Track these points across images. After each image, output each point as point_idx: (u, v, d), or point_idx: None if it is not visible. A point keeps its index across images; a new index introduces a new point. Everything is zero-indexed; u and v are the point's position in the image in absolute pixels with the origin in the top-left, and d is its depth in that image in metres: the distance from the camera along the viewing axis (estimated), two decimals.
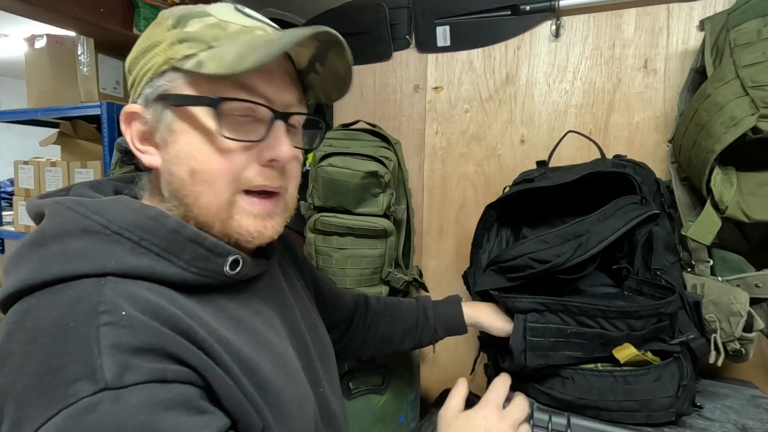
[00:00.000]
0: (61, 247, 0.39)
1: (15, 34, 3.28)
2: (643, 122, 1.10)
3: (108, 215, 0.40)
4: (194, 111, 0.44)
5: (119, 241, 0.40)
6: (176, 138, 0.45)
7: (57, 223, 0.40)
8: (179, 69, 0.44)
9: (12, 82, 4.82)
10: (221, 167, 0.44)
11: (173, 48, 0.44)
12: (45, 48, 1.57)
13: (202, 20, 0.45)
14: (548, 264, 0.77)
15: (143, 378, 0.33)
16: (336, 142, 1.10)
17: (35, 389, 0.33)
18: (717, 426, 0.74)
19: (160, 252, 0.41)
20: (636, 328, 0.73)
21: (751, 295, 0.81)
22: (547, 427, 0.77)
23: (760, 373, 0.99)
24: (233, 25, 0.45)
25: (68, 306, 0.36)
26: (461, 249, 1.33)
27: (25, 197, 1.80)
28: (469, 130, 1.29)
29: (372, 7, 1.30)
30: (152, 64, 0.45)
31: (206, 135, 0.44)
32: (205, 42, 0.44)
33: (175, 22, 0.45)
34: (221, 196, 0.44)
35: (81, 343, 0.34)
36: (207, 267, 0.43)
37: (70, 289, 0.37)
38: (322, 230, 1.09)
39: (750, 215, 0.79)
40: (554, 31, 1.15)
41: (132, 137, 0.47)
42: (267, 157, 0.45)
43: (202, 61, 0.42)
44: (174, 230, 0.42)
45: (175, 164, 0.44)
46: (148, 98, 0.45)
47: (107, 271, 0.38)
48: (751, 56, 0.78)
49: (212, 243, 0.43)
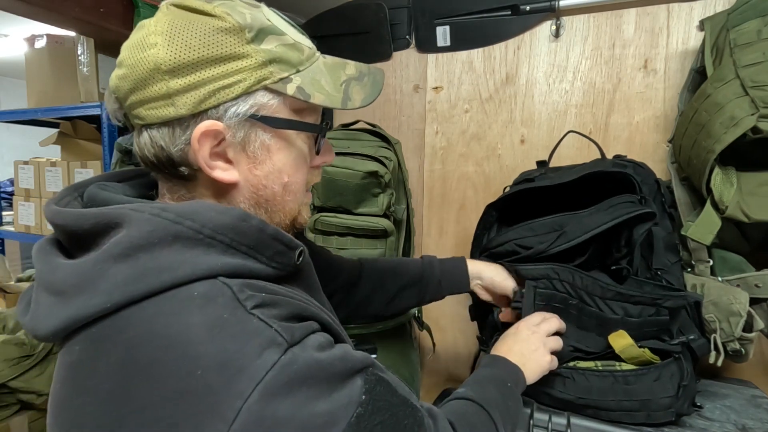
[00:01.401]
0: (152, 256, 0.37)
1: (15, 34, 3.28)
2: (643, 122, 1.10)
3: (199, 219, 0.40)
4: (291, 133, 0.49)
5: (211, 244, 0.40)
6: (271, 156, 0.48)
7: (145, 232, 0.38)
8: (275, 91, 0.46)
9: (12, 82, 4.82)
10: (303, 177, 0.52)
11: (266, 68, 0.44)
12: (45, 48, 1.57)
13: (279, 38, 0.46)
14: (531, 250, 0.81)
15: (306, 332, 0.40)
16: (336, 142, 1.10)
17: (220, 376, 0.35)
18: (717, 426, 0.74)
19: (248, 251, 0.42)
20: (631, 314, 0.74)
21: (751, 295, 0.81)
22: (547, 427, 0.77)
23: (760, 373, 0.99)
24: (304, 47, 0.48)
25: (206, 304, 0.37)
26: (461, 249, 1.33)
27: (25, 197, 1.80)
28: (469, 130, 1.29)
29: (372, 7, 1.30)
30: (238, 79, 0.43)
31: (301, 153, 0.50)
32: (293, 66, 0.46)
33: (254, 35, 0.43)
34: (299, 201, 0.53)
35: (247, 325, 0.37)
36: (283, 261, 0.45)
37: (192, 291, 0.38)
38: (322, 230, 1.09)
39: (750, 215, 0.79)
40: (554, 31, 1.15)
41: (204, 154, 0.44)
42: (319, 163, 0.55)
43: (302, 88, 0.46)
44: (260, 229, 0.43)
45: (269, 179, 0.48)
46: (235, 116, 0.44)
47: (216, 271, 0.39)
48: (751, 56, 0.78)
49: (288, 239, 0.46)
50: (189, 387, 0.34)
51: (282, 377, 0.36)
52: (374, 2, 1.30)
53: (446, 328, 1.36)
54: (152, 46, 0.42)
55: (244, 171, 0.47)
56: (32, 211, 1.77)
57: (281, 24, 0.47)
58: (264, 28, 0.45)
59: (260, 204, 0.49)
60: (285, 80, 0.45)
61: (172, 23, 0.42)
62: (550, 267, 0.79)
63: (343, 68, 0.52)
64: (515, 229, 0.85)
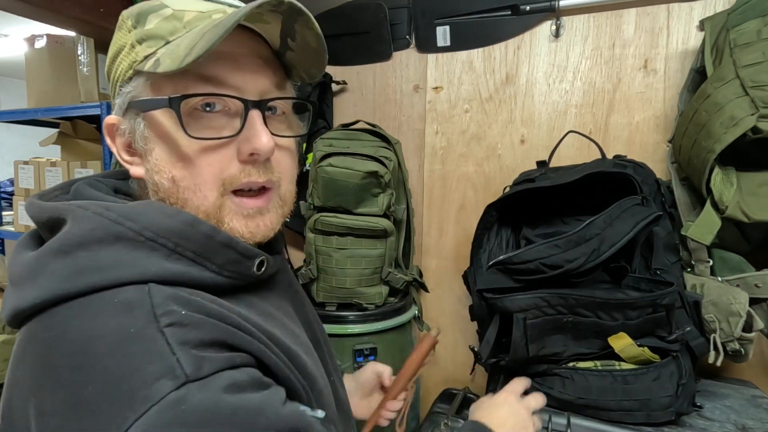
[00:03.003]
0: (90, 255, 0.37)
1: (15, 34, 3.28)
2: (643, 122, 1.10)
3: (142, 221, 0.38)
4: (159, 115, 0.42)
5: (154, 248, 0.38)
6: (152, 146, 0.43)
7: (86, 230, 0.37)
8: (141, 72, 0.42)
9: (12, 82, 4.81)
10: (200, 170, 0.42)
11: (134, 50, 0.42)
12: (45, 48, 1.56)
13: (158, 14, 0.42)
14: (560, 269, 0.77)
15: (218, 367, 0.34)
16: (336, 142, 1.10)
17: (106, 396, 0.32)
18: (717, 426, 0.74)
19: (195, 257, 0.39)
20: (631, 318, 0.74)
21: (751, 295, 0.81)
22: (547, 427, 0.77)
23: (760, 373, 0.99)
24: (189, 12, 0.42)
25: (121, 313, 0.35)
26: (461, 249, 1.33)
27: (25, 197, 1.80)
28: (469, 130, 1.29)
29: (372, 7, 1.30)
30: (119, 70, 0.43)
31: (176, 139, 0.41)
32: (162, 37, 0.41)
33: (135, 21, 0.42)
34: (207, 200, 0.42)
35: (150, 345, 0.33)
36: (238, 270, 0.42)
37: (115, 296, 0.36)
38: (322, 230, 1.09)
39: (750, 215, 0.79)
40: (554, 31, 1.15)
41: (118, 150, 0.45)
42: (246, 151, 0.42)
43: (159, 59, 0.40)
44: (208, 235, 0.40)
45: (157, 173, 0.43)
46: (120, 107, 0.44)
47: (148, 277, 0.37)
48: (751, 56, 0.78)
49: (243, 247, 0.42)
50: (78, 400, 0.32)
51: (165, 416, 0.31)
52: (374, 2, 1.30)
53: (446, 328, 1.36)
54: None
55: (144, 165, 0.44)
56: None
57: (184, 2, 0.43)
58: (144, 10, 0.42)
59: (164, 202, 0.43)
60: (149, 57, 0.41)
61: None
62: (539, 296, 0.77)
63: (210, 17, 0.42)
64: (539, 246, 0.81)
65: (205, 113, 0.42)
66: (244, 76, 0.42)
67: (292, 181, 0.49)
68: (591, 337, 0.78)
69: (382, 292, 1.14)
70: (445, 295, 1.36)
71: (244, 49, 0.43)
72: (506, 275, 0.86)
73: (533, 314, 0.77)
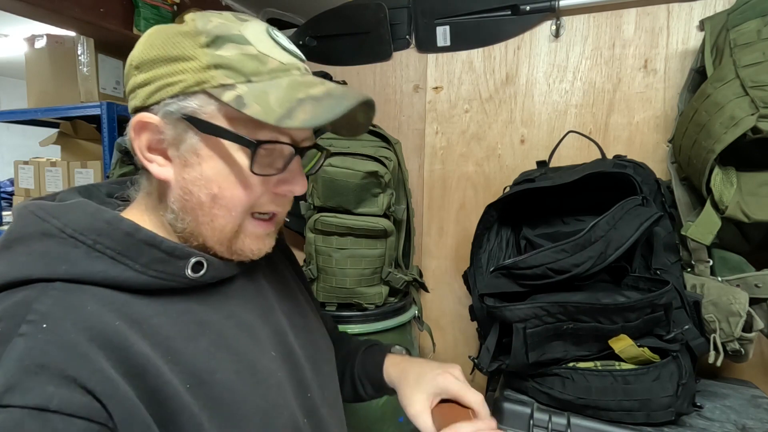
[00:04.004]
0: (25, 249, 0.40)
1: (15, 34, 3.28)
2: (643, 122, 1.10)
3: (64, 219, 0.41)
4: (226, 143, 0.45)
5: (75, 245, 0.40)
6: (201, 161, 0.45)
7: (20, 227, 0.41)
8: (213, 96, 0.43)
9: (12, 82, 4.82)
10: (242, 196, 0.46)
11: (208, 72, 0.43)
12: (45, 48, 1.57)
13: (239, 47, 0.43)
14: (568, 274, 0.77)
15: (22, 402, 0.32)
16: (336, 142, 1.10)
17: None
18: (717, 426, 0.74)
19: (115, 256, 0.41)
20: (630, 320, 0.74)
21: (751, 295, 0.81)
22: (547, 427, 0.77)
23: (760, 373, 0.99)
24: (272, 60, 0.44)
25: (6, 310, 0.36)
26: (461, 249, 1.33)
27: (25, 197, 1.80)
28: (469, 130, 1.29)
29: (372, 7, 1.30)
30: (179, 79, 0.43)
31: (234, 167, 0.45)
32: (243, 75, 0.43)
33: (210, 41, 0.43)
34: (236, 221, 0.46)
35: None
36: (166, 270, 0.43)
37: (19, 293, 0.38)
38: (322, 230, 1.09)
39: (750, 215, 0.79)
40: (554, 31, 1.15)
41: (141, 145, 0.46)
42: (284, 191, 0.48)
43: (242, 97, 0.42)
44: (128, 233, 0.41)
45: (196, 186, 0.45)
46: (170, 114, 0.44)
47: (57, 276, 0.38)
48: (751, 56, 0.78)
49: (169, 246, 0.43)
50: None
51: None
52: (374, 2, 1.30)
53: (446, 328, 1.36)
54: (135, 47, 0.47)
55: (177, 172, 0.46)
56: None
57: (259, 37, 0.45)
58: (225, 35, 0.43)
59: (187, 210, 0.46)
60: (227, 87, 0.43)
61: (156, 28, 0.46)
62: (538, 305, 0.76)
63: (310, 87, 0.45)
64: (546, 251, 0.80)
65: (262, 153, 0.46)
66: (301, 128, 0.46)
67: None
68: (591, 341, 0.78)
69: (382, 292, 1.14)
70: (445, 295, 1.36)
71: None
72: (511, 280, 0.85)
73: (533, 323, 0.77)
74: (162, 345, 0.40)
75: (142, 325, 0.40)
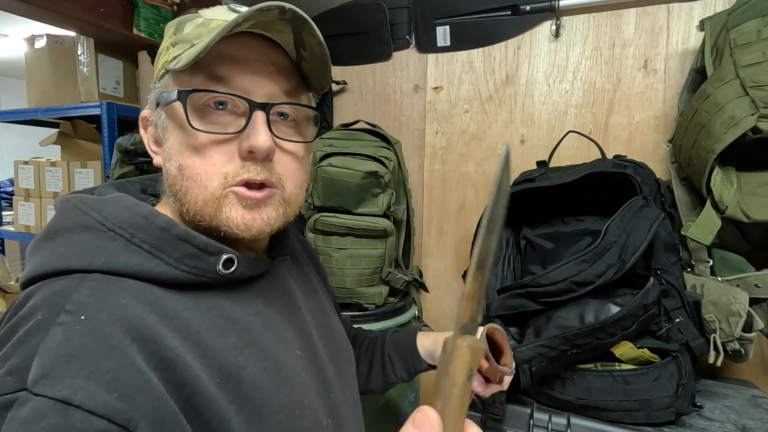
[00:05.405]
0: (66, 241, 0.41)
1: (15, 34, 3.28)
2: (643, 122, 1.10)
3: (104, 212, 0.42)
4: (175, 107, 0.45)
5: (114, 238, 0.41)
6: (168, 135, 0.47)
7: (62, 219, 0.43)
8: (169, 70, 0.46)
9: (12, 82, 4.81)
10: (202, 161, 0.44)
11: (168, 52, 0.47)
12: (45, 48, 1.57)
13: (193, 22, 0.47)
14: (591, 286, 0.76)
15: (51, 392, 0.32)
16: (336, 142, 1.10)
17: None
18: (717, 426, 0.74)
19: (151, 249, 0.41)
20: (627, 327, 0.74)
21: (751, 295, 0.81)
22: (547, 427, 0.77)
23: (760, 373, 0.99)
24: (216, 21, 0.46)
25: (46, 298, 0.37)
26: (461, 249, 1.33)
27: (25, 197, 1.80)
28: (469, 130, 1.29)
29: (372, 7, 1.30)
30: (156, 69, 0.49)
31: (184, 130, 0.45)
32: (189, 41, 0.45)
33: (176, 28, 0.48)
34: (207, 190, 0.44)
35: (30, 337, 0.34)
36: (198, 265, 0.43)
37: (59, 282, 0.39)
38: (322, 230, 1.09)
39: (750, 215, 0.79)
40: (554, 31, 1.15)
41: (148, 141, 0.50)
42: (245, 148, 0.44)
43: (179, 58, 0.44)
44: (163, 228, 0.42)
45: (168, 161, 0.47)
46: (151, 102, 0.49)
47: (95, 267, 0.39)
48: (751, 56, 0.78)
49: (202, 242, 0.43)
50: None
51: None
52: (374, 2, 1.30)
53: (446, 328, 1.36)
54: None
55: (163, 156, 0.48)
56: (32, 211, 1.77)
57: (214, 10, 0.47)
58: (184, 19, 0.47)
59: (171, 190, 0.47)
60: (177, 57, 0.45)
61: None
62: (540, 344, 0.76)
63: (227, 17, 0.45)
64: (567, 264, 0.78)
65: (216, 110, 0.45)
66: (254, 80, 0.45)
67: (297, 186, 0.50)
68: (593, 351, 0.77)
69: (382, 292, 1.14)
70: (445, 295, 1.36)
71: (257, 55, 0.46)
72: (528, 299, 0.83)
73: (538, 361, 0.76)
74: (192, 339, 0.40)
75: (174, 319, 0.40)
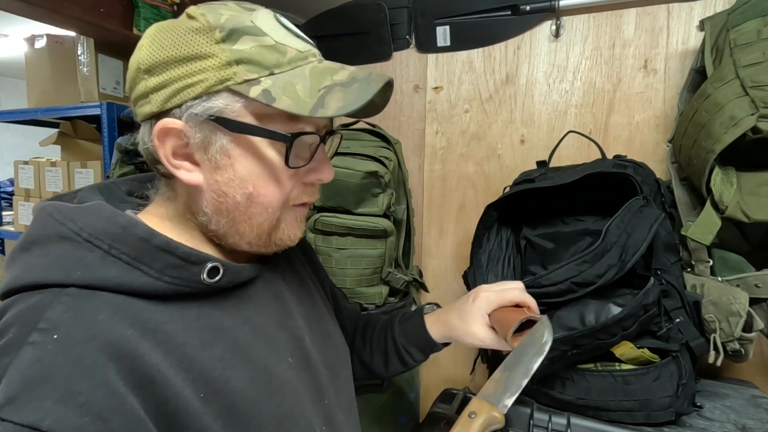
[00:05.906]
0: (42, 252, 0.40)
1: (15, 34, 3.28)
2: (643, 122, 1.10)
3: (80, 222, 0.40)
4: (257, 140, 0.44)
5: (91, 249, 0.39)
6: (233, 162, 0.44)
7: (38, 228, 0.41)
8: (238, 93, 0.42)
9: (12, 82, 4.81)
10: (276, 191, 0.46)
11: (230, 69, 0.42)
12: (45, 48, 1.57)
13: (256, 39, 0.42)
14: (592, 286, 0.77)
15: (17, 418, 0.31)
16: None
17: None
18: (717, 426, 0.74)
19: (131, 261, 0.40)
20: (628, 327, 0.74)
21: (751, 295, 0.81)
22: (547, 427, 0.77)
23: (760, 373, 0.99)
24: (290, 49, 0.44)
25: (19, 315, 0.36)
26: (461, 249, 1.33)
27: (25, 197, 1.80)
28: (469, 130, 1.29)
29: (372, 7, 1.30)
30: (200, 79, 0.42)
31: (267, 164, 0.45)
32: (266, 67, 0.42)
33: (225, 35, 0.42)
34: (272, 217, 0.47)
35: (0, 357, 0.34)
36: (181, 276, 0.42)
37: (34, 297, 0.37)
38: (322, 230, 1.09)
39: (750, 215, 0.79)
40: (554, 31, 1.15)
41: (166, 153, 0.44)
42: (312, 180, 0.49)
43: (269, 91, 0.41)
44: (143, 239, 0.40)
45: (230, 187, 0.45)
46: (195, 116, 0.43)
47: (71, 281, 0.38)
48: (751, 56, 0.78)
49: (184, 252, 0.42)
50: None
51: None
52: (374, 2, 1.29)
53: None
54: (139, 49, 0.44)
55: (207, 175, 0.45)
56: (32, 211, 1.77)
57: (271, 26, 0.44)
58: (239, 28, 0.42)
59: (222, 212, 0.46)
60: (251, 82, 0.42)
61: (159, 27, 0.44)
62: None
63: (333, 73, 0.44)
64: (568, 265, 0.78)
65: None
66: None
67: None
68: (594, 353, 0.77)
69: (382, 292, 1.14)
70: (445, 295, 1.36)
71: None
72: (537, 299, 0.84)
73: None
74: (176, 353, 0.39)
75: (156, 333, 0.39)
